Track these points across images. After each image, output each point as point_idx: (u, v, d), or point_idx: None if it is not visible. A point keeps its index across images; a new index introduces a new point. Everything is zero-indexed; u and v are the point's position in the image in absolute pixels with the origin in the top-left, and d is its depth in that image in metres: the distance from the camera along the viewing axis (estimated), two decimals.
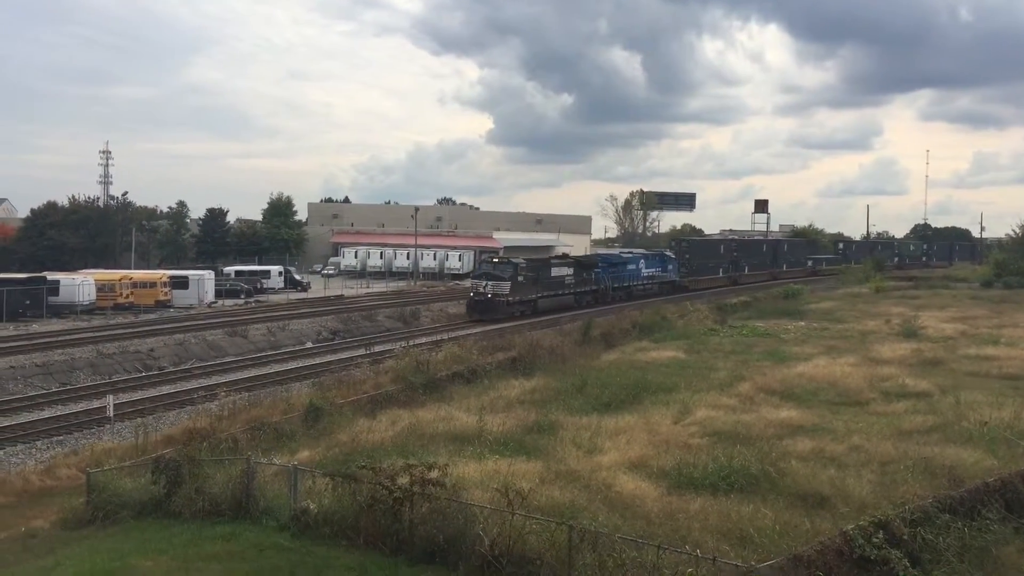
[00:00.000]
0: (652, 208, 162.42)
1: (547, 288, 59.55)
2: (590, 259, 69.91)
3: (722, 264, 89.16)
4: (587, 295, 64.37)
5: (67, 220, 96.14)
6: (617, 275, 68.70)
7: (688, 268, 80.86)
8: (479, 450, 19.91)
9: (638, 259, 73.93)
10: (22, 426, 27.10)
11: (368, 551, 14.25)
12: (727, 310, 57.01)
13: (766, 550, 13.25)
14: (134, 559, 13.69)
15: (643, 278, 72.48)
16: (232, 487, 16.54)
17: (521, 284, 56.70)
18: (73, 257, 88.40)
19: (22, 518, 18.34)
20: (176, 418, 28.04)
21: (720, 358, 35.37)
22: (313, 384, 32.60)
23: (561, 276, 61.70)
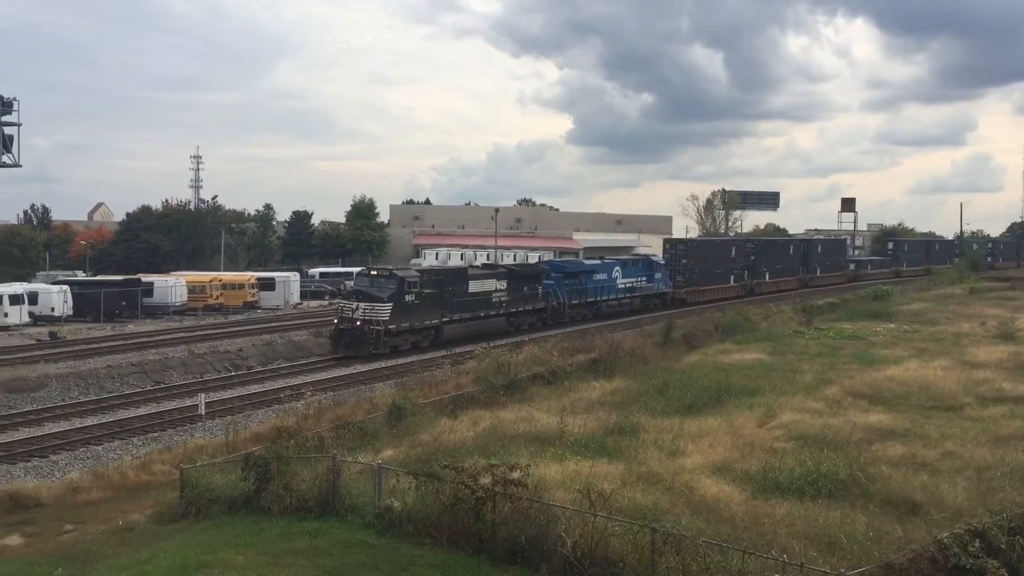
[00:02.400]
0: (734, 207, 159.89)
1: (460, 308, 45.02)
2: (532, 268, 55.32)
3: (733, 270, 74.43)
4: (528, 316, 50.40)
5: (160, 223, 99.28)
6: (577, 288, 54.78)
7: (686, 276, 67.12)
8: (560, 451, 19.87)
9: (611, 267, 59.12)
10: (119, 423, 28.10)
11: (451, 550, 14.37)
12: (812, 311, 55.84)
13: (856, 557, 12.93)
14: (226, 553, 14.07)
15: (618, 291, 58.51)
16: (318, 484, 16.85)
17: (410, 306, 42.14)
18: (166, 259, 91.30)
19: (119, 511, 19.02)
20: (264, 416, 28.72)
21: (806, 360, 34.64)
22: (396, 384, 33.06)
23: (485, 292, 47.00)
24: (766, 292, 75.38)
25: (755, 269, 77.39)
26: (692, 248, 72.00)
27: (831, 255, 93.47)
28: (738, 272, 75.02)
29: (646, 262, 63.71)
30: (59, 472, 23.03)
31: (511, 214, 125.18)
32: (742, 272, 75.53)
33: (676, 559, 12.53)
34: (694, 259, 69.20)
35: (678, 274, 66.55)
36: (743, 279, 75.56)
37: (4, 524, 18.56)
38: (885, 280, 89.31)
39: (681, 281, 66.78)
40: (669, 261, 66.93)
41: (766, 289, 76.95)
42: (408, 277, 42.97)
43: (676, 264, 67.04)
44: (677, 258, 67.85)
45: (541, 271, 53.75)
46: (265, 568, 13.38)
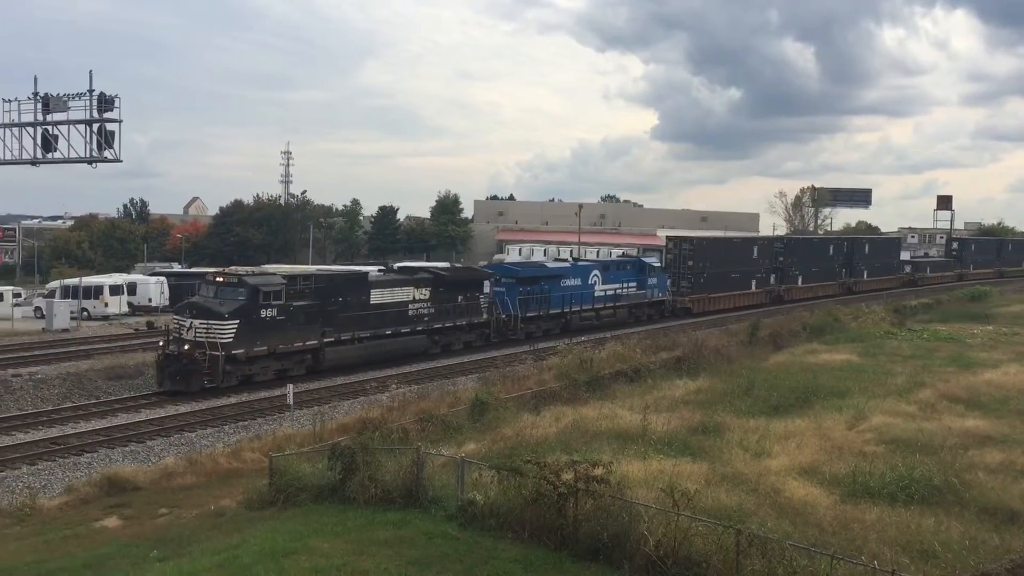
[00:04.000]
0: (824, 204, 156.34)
1: (354, 325, 35.13)
2: (469, 273, 44.90)
3: (756, 273, 64.80)
4: (462, 332, 41.26)
5: (251, 218, 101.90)
6: (537, 296, 45.17)
7: (692, 281, 57.73)
8: (643, 449, 19.78)
9: (585, 270, 49.35)
10: (211, 411, 28.93)
11: (533, 544, 14.41)
12: (905, 312, 54.26)
13: (950, 566, 12.56)
14: (313, 540, 14.38)
15: (595, 300, 49.20)
16: (402, 476, 17.09)
17: (269, 323, 31.85)
18: (256, 253, 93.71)
19: (212, 497, 19.59)
20: (350, 408, 29.22)
21: (898, 362, 33.71)
22: (479, 379, 33.29)
23: (396, 303, 37.42)
24: (797, 299, 67.23)
25: (784, 272, 67.99)
26: (700, 247, 60.36)
27: (881, 256, 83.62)
28: (762, 276, 65.58)
29: (635, 264, 54.48)
30: (154, 457, 23.82)
31: (595, 211, 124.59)
32: (767, 276, 66.20)
33: (762, 562, 12.33)
34: (703, 260, 59.01)
35: (682, 279, 57.48)
36: (768, 283, 66.40)
37: (103, 506, 19.32)
38: (947, 284, 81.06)
39: (686, 287, 57.58)
40: (672, 263, 58.35)
41: (798, 296, 68.55)
42: (265, 285, 32.16)
43: (680, 266, 57.86)
44: (682, 259, 58.12)
45: (483, 276, 43.67)
46: (351, 556, 13.63)
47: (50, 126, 39.26)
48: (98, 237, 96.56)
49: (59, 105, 39.18)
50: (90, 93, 38.22)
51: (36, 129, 39.42)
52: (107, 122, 38.62)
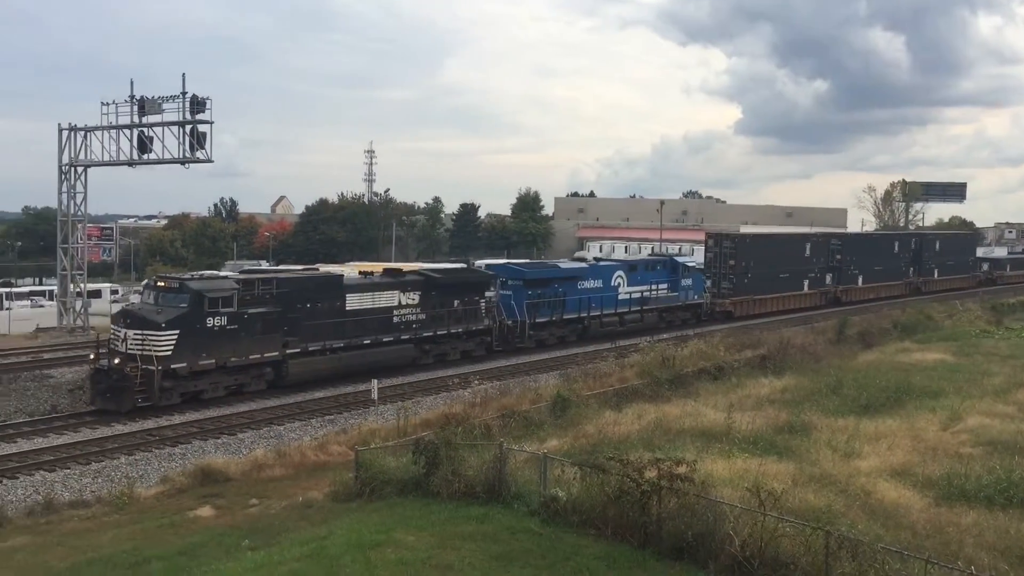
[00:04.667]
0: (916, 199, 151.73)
1: (326, 334, 31.51)
2: (470, 275, 40.43)
3: (809, 273, 59.74)
4: (458, 341, 37.15)
5: (336, 216, 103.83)
6: (549, 300, 41.15)
7: (734, 281, 52.85)
8: (727, 448, 19.51)
9: (607, 271, 45.34)
10: (298, 404, 29.59)
11: (616, 542, 14.35)
12: (1003, 310, 52.31)
13: None
14: (398, 533, 14.58)
15: (619, 303, 45.01)
16: (485, 471, 17.19)
17: (218, 333, 28.34)
18: (341, 250, 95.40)
19: (299, 488, 20.04)
20: (432, 403, 29.54)
21: (995, 362, 32.51)
22: (560, 375, 33.27)
23: (378, 309, 33.55)
24: (858, 301, 62.58)
25: (842, 271, 62.94)
26: (743, 245, 55.62)
27: (954, 253, 77.34)
28: (816, 275, 60.45)
29: (666, 264, 49.56)
30: (245, 449, 24.46)
31: (676, 207, 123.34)
32: (822, 275, 61.10)
33: (852, 565, 12.06)
34: (746, 258, 54.27)
35: (724, 279, 52.79)
36: (823, 284, 61.27)
37: (197, 496, 19.93)
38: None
39: (727, 288, 52.78)
40: (712, 262, 53.50)
41: (858, 297, 63.86)
42: (212, 290, 28.54)
43: (720, 266, 53.09)
44: (722, 258, 53.31)
45: (484, 279, 39.41)
46: (435, 550, 13.78)
47: (145, 128, 40.67)
48: (190, 236, 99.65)
49: (154, 108, 40.52)
50: (183, 95, 39.47)
51: (133, 131, 40.85)
52: (199, 123, 39.81)
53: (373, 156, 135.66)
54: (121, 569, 14.28)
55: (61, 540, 16.81)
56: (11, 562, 15.44)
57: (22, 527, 17.84)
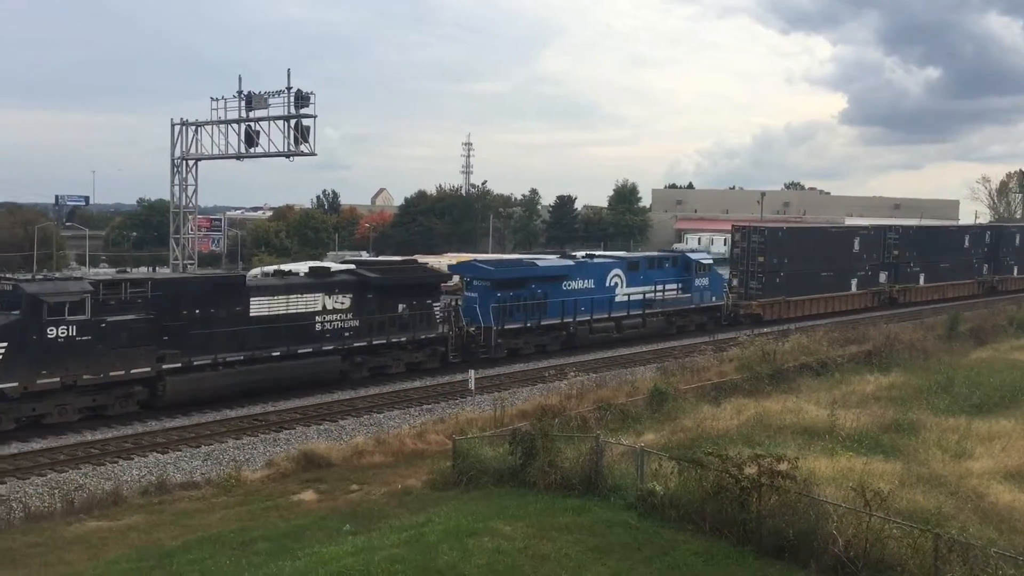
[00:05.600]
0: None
1: (223, 345, 26.87)
2: (413, 274, 34.47)
3: (859, 270, 53.32)
4: (401, 351, 31.94)
5: (434, 208, 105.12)
6: (524, 303, 35.75)
7: (764, 281, 46.97)
8: (830, 445, 19.07)
9: (601, 269, 39.47)
10: (396, 393, 30.10)
11: (714, 538, 14.18)
12: None
13: None
14: (495, 523, 14.71)
15: (615, 306, 39.29)
16: (581, 463, 17.20)
17: (65, 345, 23.83)
18: (439, 241, 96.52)
19: (399, 476, 20.39)
20: (529, 394, 29.63)
21: None
22: (657, 369, 32.98)
23: (293, 315, 28.77)
24: (919, 302, 56.47)
25: (900, 269, 56.49)
26: (775, 239, 48.88)
27: None
28: (867, 273, 54.06)
29: (677, 261, 43.55)
30: (346, 436, 25.00)
31: (778, 198, 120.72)
32: (874, 273, 54.73)
33: (963, 569, 11.67)
34: (779, 255, 48.16)
35: (751, 278, 47.28)
36: (877, 283, 54.89)
37: (301, 481, 20.49)
38: None
39: (755, 288, 46.99)
40: (739, 258, 48.24)
41: (919, 297, 57.47)
42: (53, 295, 23.88)
43: (748, 262, 47.60)
44: (750, 254, 47.71)
45: (435, 278, 35.14)
46: (532, 540, 13.86)
47: (252, 122, 41.90)
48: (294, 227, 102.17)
49: (260, 103, 41.70)
50: (288, 91, 40.50)
51: (240, 126, 42.13)
52: (303, 117, 40.79)
53: (471, 148, 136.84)
54: (229, 548, 14.80)
55: (173, 519, 17.52)
56: (127, 539, 16.18)
57: (136, 506, 18.65)
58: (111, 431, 24.47)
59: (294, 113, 40.30)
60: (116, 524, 17.16)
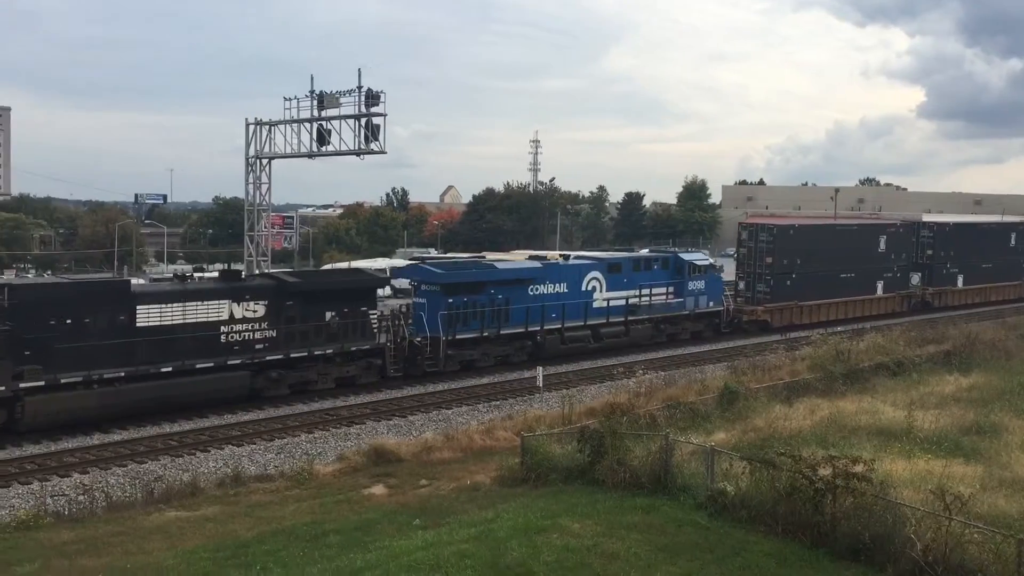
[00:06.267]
0: None
1: (100, 360, 23.91)
2: (344, 279, 33.32)
3: (885, 272, 49.29)
4: (329, 365, 28.89)
5: (502, 205, 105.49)
6: (479, 311, 32.49)
7: (772, 284, 43.22)
8: (908, 447, 18.60)
9: (577, 272, 36.22)
10: (465, 390, 30.31)
11: (786, 540, 13.95)
12: None
13: None
14: (563, 520, 14.70)
15: (593, 312, 36.09)
16: (651, 462, 17.07)
17: None
18: (507, 239, 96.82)
19: (467, 472, 20.50)
20: (597, 392, 29.57)
21: None
22: (727, 367, 32.59)
23: (191, 325, 25.76)
24: (956, 306, 52.22)
25: (935, 270, 52.42)
26: (785, 237, 44.74)
27: None
28: (895, 275, 49.94)
29: (668, 262, 39.93)
30: (415, 431, 25.28)
31: (852, 194, 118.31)
32: (904, 275, 50.76)
33: None
34: (790, 255, 44.17)
35: (758, 280, 43.50)
36: (907, 286, 50.75)
37: (371, 475, 20.75)
38: None
39: (763, 292, 43.24)
40: (745, 259, 44.68)
41: (956, 301, 53.11)
42: None
43: (755, 262, 43.84)
44: (757, 254, 43.82)
45: (371, 283, 31.92)
46: (600, 538, 13.81)
47: (324, 121, 42.55)
48: (364, 224, 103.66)
49: (332, 102, 42.33)
50: (359, 89, 41.01)
51: (312, 125, 42.82)
52: (373, 116, 41.25)
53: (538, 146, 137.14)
54: (302, 541, 15.06)
55: (247, 511, 17.89)
56: (203, 529, 16.58)
57: (213, 497, 19.10)
58: (189, 423, 25.14)
59: (364, 112, 40.77)
60: (193, 515, 17.60)
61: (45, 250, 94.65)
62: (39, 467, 21.08)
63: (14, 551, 15.29)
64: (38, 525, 16.79)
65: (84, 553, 15.09)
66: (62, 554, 15.02)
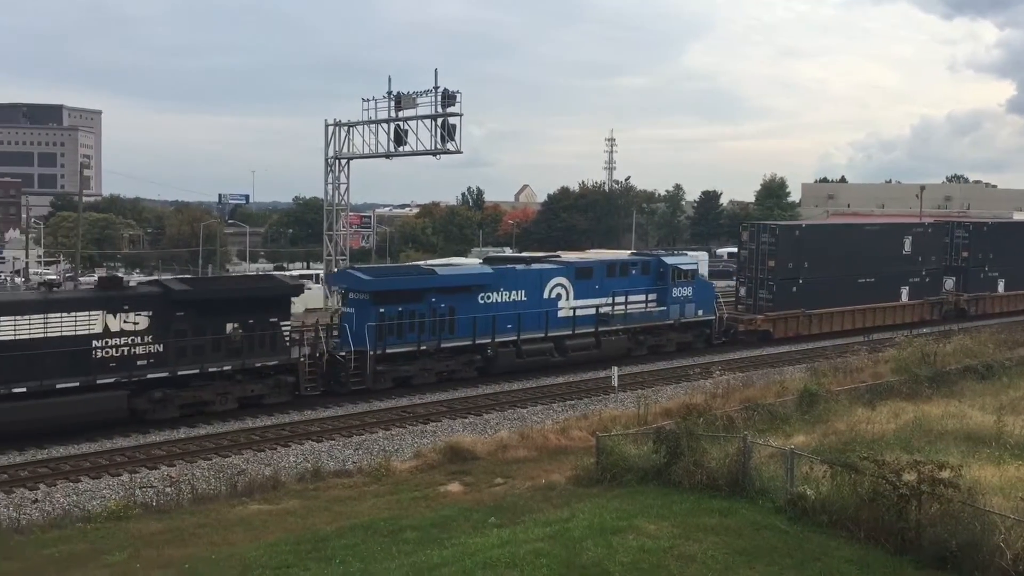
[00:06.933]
0: None
1: None
2: (248, 286, 28.58)
3: (911, 276, 44.72)
4: (228, 384, 25.61)
5: (577, 204, 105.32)
6: (417, 321, 29.15)
7: (775, 291, 39.23)
8: (997, 453, 18.03)
9: (538, 277, 32.84)
10: (540, 389, 30.35)
11: (869, 546, 13.67)
12: None
13: None
14: (639, 521, 14.63)
15: (558, 323, 32.57)
16: (728, 464, 16.87)
17: None
18: (581, 238, 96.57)
19: (542, 471, 20.54)
20: (673, 392, 29.33)
21: None
22: (807, 369, 32.02)
23: (54, 340, 22.75)
24: (997, 314, 48.12)
25: (972, 273, 47.95)
26: (790, 239, 40.75)
27: None
28: (923, 280, 45.32)
29: (648, 267, 36.13)
30: (490, 430, 25.41)
31: (938, 192, 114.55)
32: (935, 280, 46.18)
33: None
34: (796, 258, 40.11)
35: (760, 287, 39.61)
36: (938, 291, 46.28)
37: (447, 472, 20.94)
38: None
39: (764, 299, 39.34)
40: (745, 263, 41.08)
41: (997, 308, 48.77)
42: None
43: (756, 265, 39.95)
44: (759, 257, 39.89)
45: (283, 292, 27.64)
46: (677, 540, 13.71)
47: (401, 122, 43.12)
48: (440, 223, 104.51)
49: (409, 102, 42.90)
50: (435, 90, 41.49)
51: (389, 125, 43.42)
52: (449, 116, 41.68)
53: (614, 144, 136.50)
54: (380, 536, 15.28)
55: (327, 505, 18.23)
56: (285, 523, 16.96)
57: (293, 491, 19.51)
58: (270, 419, 25.72)
59: (441, 112, 41.23)
60: (275, 508, 18.01)
61: (134, 249, 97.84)
62: (128, 459, 21.81)
63: (105, 540, 15.87)
64: (128, 516, 17.37)
65: (171, 543, 15.58)
66: (150, 544, 15.54)
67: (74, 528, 16.84)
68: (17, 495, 19.18)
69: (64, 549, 15.43)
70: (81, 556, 15.05)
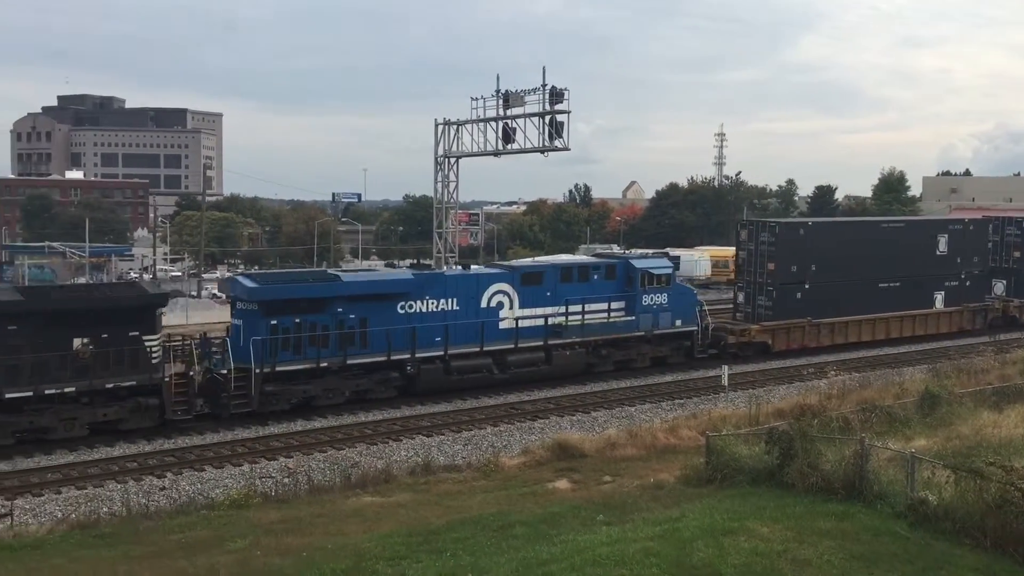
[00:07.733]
0: None
1: None
2: (108, 295, 24.72)
3: (947, 280, 40.11)
4: (76, 409, 22.68)
5: (685, 200, 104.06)
6: (317, 335, 25.97)
7: (775, 297, 34.99)
8: None
9: (474, 283, 29.52)
10: (649, 387, 30.13)
11: (996, 555, 13.07)
12: None
13: None
14: (751, 523, 14.35)
15: (499, 335, 29.21)
16: (844, 467, 16.37)
17: None
18: (690, 234, 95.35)
19: (650, 469, 20.41)
20: (785, 392, 28.72)
21: None
22: (928, 370, 30.86)
23: None
24: None
25: (1022, 276, 43.00)
26: (792, 238, 36.22)
27: None
28: (962, 285, 40.61)
29: (613, 271, 32.13)
30: (598, 427, 25.39)
31: None
32: (977, 283, 41.39)
33: None
34: (800, 260, 35.76)
35: (759, 292, 35.45)
36: (978, 296, 41.39)
37: (555, 469, 21.03)
38: None
39: (764, 306, 35.23)
40: (744, 264, 36.73)
41: None
42: None
43: (755, 269, 35.79)
44: (758, 258, 35.65)
45: (149, 300, 24.23)
46: (790, 543, 13.39)
47: (509, 120, 43.37)
48: (547, 220, 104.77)
49: (516, 100, 43.08)
50: (543, 88, 41.55)
51: (497, 123, 43.73)
52: (557, 114, 41.68)
53: (723, 139, 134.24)
54: (490, 531, 15.44)
55: (437, 499, 18.56)
56: (396, 515, 17.33)
57: (405, 484, 19.92)
58: (382, 413, 26.30)
59: (548, 109, 41.26)
60: (387, 500, 18.43)
61: (253, 247, 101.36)
62: (249, 450, 22.68)
63: (227, 527, 16.54)
64: (248, 504, 18.07)
65: (289, 532, 16.12)
66: (269, 532, 16.11)
67: (198, 515, 17.62)
68: (146, 482, 20.20)
69: (189, 535, 16.15)
70: (205, 542, 15.71)
